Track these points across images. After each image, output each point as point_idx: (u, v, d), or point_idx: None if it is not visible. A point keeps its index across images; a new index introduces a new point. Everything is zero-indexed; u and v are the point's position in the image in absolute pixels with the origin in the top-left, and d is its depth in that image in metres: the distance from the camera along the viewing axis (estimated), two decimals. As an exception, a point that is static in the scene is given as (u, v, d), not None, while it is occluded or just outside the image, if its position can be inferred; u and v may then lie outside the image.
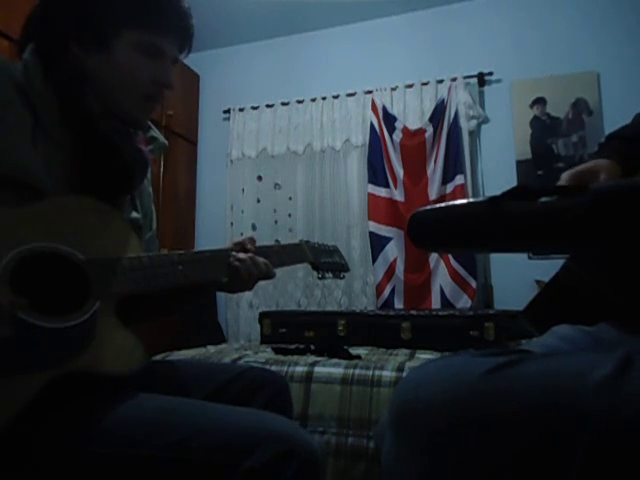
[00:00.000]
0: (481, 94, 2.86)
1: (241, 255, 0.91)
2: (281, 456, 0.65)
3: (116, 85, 0.83)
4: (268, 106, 3.22)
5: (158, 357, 1.72)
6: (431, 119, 2.83)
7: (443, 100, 2.81)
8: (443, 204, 0.55)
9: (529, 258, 0.61)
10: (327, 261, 1.15)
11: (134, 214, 0.92)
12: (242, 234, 3.07)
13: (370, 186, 2.85)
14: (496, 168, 2.76)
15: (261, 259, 0.93)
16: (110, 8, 0.80)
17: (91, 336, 0.70)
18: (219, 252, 0.91)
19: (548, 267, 0.67)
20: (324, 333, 2.16)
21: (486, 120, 2.84)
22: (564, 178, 0.68)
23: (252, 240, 0.96)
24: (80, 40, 0.80)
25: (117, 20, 0.81)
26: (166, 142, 1.00)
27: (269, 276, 0.95)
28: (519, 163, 2.73)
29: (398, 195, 2.81)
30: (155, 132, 0.98)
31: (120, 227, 0.81)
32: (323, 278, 1.15)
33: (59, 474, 0.66)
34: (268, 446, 0.65)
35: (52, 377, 0.64)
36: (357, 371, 1.54)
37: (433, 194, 2.75)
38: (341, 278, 1.21)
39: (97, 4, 0.80)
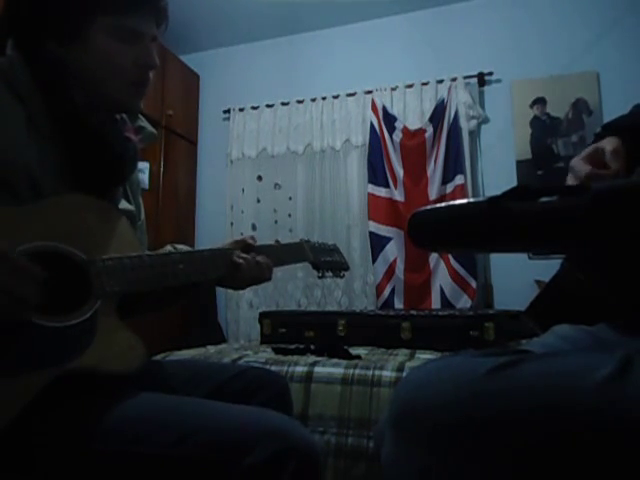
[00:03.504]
0: (481, 94, 2.86)
1: (244, 255, 0.92)
2: (281, 453, 0.65)
3: (100, 75, 0.82)
4: (268, 106, 3.22)
5: (158, 357, 1.72)
6: (431, 119, 2.83)
7: (443, 100, 2.81)
8: (443, 204, 0.55)
9: (529, 258, 0.61)
10: (327, 260, 1.15)
11: (127, 205, 0.92)
12: (242, 234, 3.07)
13: (370, 186, 2.85)
14: (496, 168, 2.76)
15: (264, 261, 0.94)
16: None
17: (92, 335, 0.70)
18: (219, 251, 0.91)
19: (548, 267, 0.67)
20: (324, 333, 2.16)
21: (486, 120, 2.84)
22: (576, 166, 0.67)
23: (252, 238, 0.97)
24: (54, 35, 0.80)
25: (88, 9, 0.79)
26: (154, 131, 0.99)
27: (267, 279, 0.95)
28: (519, 163, 2.73)
29: (398, 195, 2.81)
30: (143, 122, 0.97)
31: (120, 225, 0.81)
32: (323, 277, 1.15)
33: (61, 472, 0.66)
34: (268, 443, 0.66)
35: (53, 376, 0.65)
36: (357, 371, 1.54)
37: (433, 194, 2.75)
38: (341, 277, 1.21)
39: None
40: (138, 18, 0.83)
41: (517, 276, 2.37)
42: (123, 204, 0.91)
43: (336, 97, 3.08)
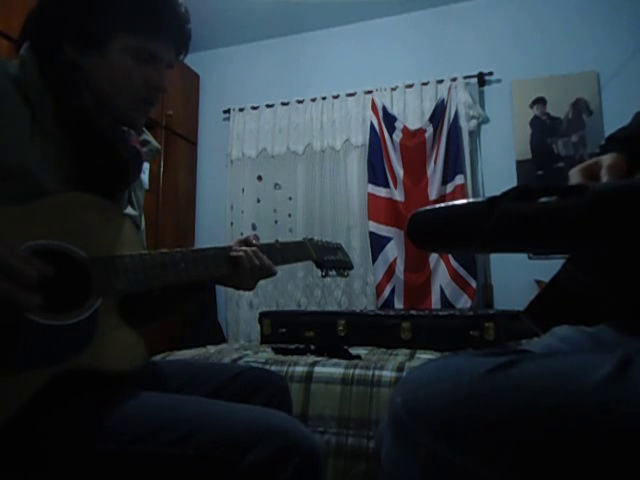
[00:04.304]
0: (481, 94, 2.86)
1: (243, 247, 0.92)
2: (282, 451, 0.66)
3: (109, 87, 0.83)
4: (268, 106, 3.22)
5: (158, 357, 1.72)
6: (431, 119, 2.83)
7: (443, 100, 2.81)
8: (443, 204, 0.55)
9: (529, 258, 0.61)
10: (331, 259, 1.15)
11: (132, 211, 0.93)
12: (242, 234, 3.07)
13: (370, 186, 2.85)
14: (496, 168, 2.76)
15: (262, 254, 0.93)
16: (106, 12, 0.80)
17: (92, 334, 0.70)
18: (222, 249, 0.91)
19: (548, 267, 0.67)
20: (324, 333, 2.16)
21: (486, 120, 2.84)
22: (573, 176, 0.68)
23: (256, 237, 0.97)
24: (75, 42, 0.81)
25: (113, 24, 0.81)
26: (159, 146, 1.00)
27: (271, 271, 0.95)
28: (519, 163, 2.73)
29: (398, 195, 2.81)
30: (148, 136, 0.98)
31: (122, 224, 0.81)
32: (326, 276, 1.15)
33: (62, 472, 0.66)
34: (269, 441, 0.66)
35: (52, 375, 0.65)
36: (357, 371, 1.54)
37: (433, 194, 2.75)
38: (345, 276, 1.20)
39: (94, 7, 0.80)
40: (159, 43, 0.84)
41: (517, 276, 2.37)
42: (129, 210, 0.92)
43: (336, 97, 3.08)
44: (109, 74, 0.82)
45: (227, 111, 3.32)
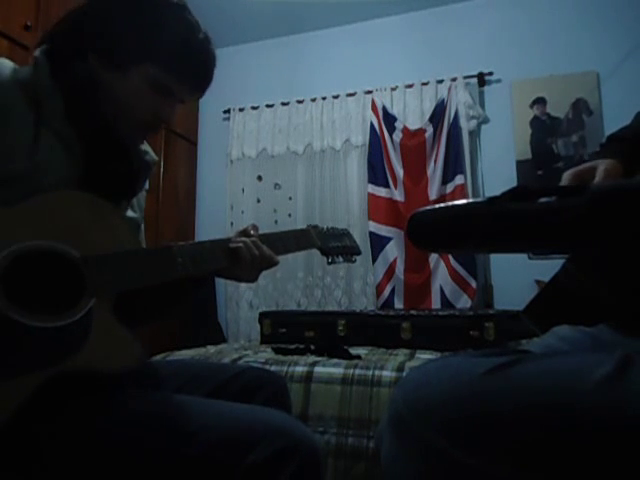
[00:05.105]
0: (481, 94, 2.87)
1: (242, 237, 0.89)
2: (283, 451, 0.66)
3: (119, 105, 0.83)
4: (268, 106, 3.22)
5: (158, 357, 1.72)
6: (431, 119, 2.83)
7: (443, 100, 2.81)
8: (443, 204, 0.55)
9: (529, 258, 0.61)
10: (336, 245, 1.12)
11: (131, 213, 0.92)
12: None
13: (370, 186, 2.85)
14: (496, 168, 2.76)
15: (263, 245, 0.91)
16: (142, 39, 0.81)
17: (86, 334, 0.69)
18: (220, 241, 0.88)
19: (548, 267, 0.67)
20: (324, 333, 2.16)
21: (486, 120, 2.84)
22: (565, 178, 0.68)
23: (255, 227, 0.94)
24: (101, 55, 0.81)
25: (144, 52, 0.81)
26: (156, 158, 1.00)
27: (272, 260, 0.92)
28: (519, 163, 2.74)
29: (398, 195, 2.81)
30: (147, 147, 0.98)
31: (116, 222, 0.79)
32: (333, 262, 1.12)
33: (61, 473, 0.66)
34: (270, 441, 0.66)
35: (47, 377, 0.64)
36: (357, 371, 1.54)
37: (433, 194, 2.75)
38: (352, 261, 1.18)
39: (131, 30, 0.81)
40: (181, 84, 0.85)
41: (517, 276, 2.37)
42: (128, 213, 0.91)
43: (336, 97, 3.08)
44: (122, 93, 0.82)
45: (227, 111, 3.32)
